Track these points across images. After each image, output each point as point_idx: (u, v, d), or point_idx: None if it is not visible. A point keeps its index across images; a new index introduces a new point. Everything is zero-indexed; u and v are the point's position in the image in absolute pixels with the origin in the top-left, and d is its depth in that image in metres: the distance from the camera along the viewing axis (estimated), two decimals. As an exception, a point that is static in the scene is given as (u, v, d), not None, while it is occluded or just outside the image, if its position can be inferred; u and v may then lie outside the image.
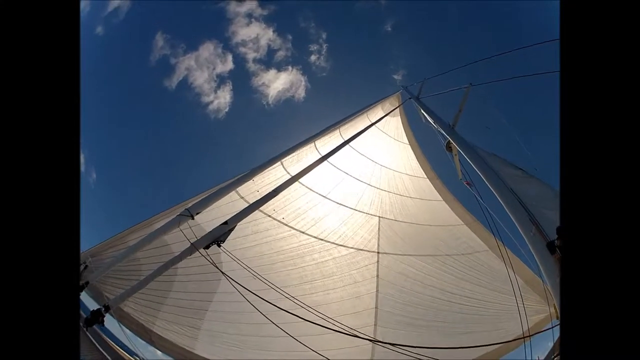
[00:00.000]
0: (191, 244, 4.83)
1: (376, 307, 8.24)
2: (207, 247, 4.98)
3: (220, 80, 32.33)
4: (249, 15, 30.91)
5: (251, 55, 32.68)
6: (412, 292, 8.58)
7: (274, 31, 31.78)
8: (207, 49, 31.16)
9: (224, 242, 5.11)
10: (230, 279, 5.03)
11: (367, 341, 7.79)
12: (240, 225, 5.28)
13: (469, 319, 8.73)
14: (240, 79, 33.21)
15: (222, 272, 5.10)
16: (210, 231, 4.99)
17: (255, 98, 33.89)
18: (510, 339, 9.10)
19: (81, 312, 4.77)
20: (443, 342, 8.55)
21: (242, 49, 32.24)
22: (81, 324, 4.41)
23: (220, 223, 5.10)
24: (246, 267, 5.86)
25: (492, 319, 8.85)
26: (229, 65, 32.17)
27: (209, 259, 5.06)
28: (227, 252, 5.40)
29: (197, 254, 4.92)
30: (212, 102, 32.18)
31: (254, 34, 31.10)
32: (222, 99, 33.04)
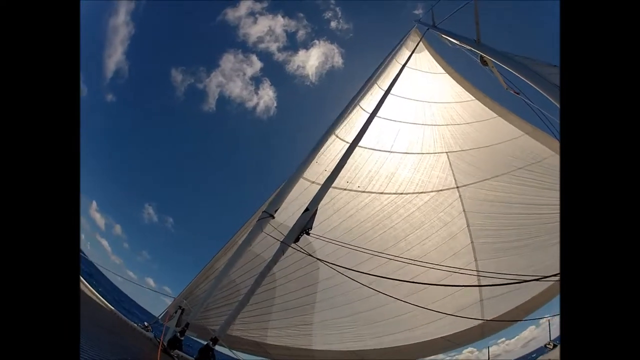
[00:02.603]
0: (281, 242, 4.72)
1: (472, 242, 8.05)
2: (296, 240, 4.84)
3: (256, 81, 32.06)
4: (252, 14, 30.28)
5: (273, 46, 32.15)
6: (500, 215, 8.34)
7: (283, 16, 31.08)
8: (229, 60, 30.94)
9: (311, 228, 4.97)
10: (328, 263, 4.86)
11: (474, 279, 7.57)
12: (321, 208, 5.10)
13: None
14: (274, 72, 32.79)
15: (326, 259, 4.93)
16: (295, 223, 4.83)
17: (297, 83, 33.47)
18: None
19: (188, 357, 4.97)
20: (541, 258, 8.23)
21: (262, 45, 31.80)
22: None
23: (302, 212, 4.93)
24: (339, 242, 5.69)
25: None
26: (257, 64, 31.83)
27: (302, 250, 4.94)
28: (318, 237, 5.22)
29: (290, 251, 4.80)
30: (257, 104, 31.84)
31: (265, 27, 30.52)
32: (266, 96, 32.85)
